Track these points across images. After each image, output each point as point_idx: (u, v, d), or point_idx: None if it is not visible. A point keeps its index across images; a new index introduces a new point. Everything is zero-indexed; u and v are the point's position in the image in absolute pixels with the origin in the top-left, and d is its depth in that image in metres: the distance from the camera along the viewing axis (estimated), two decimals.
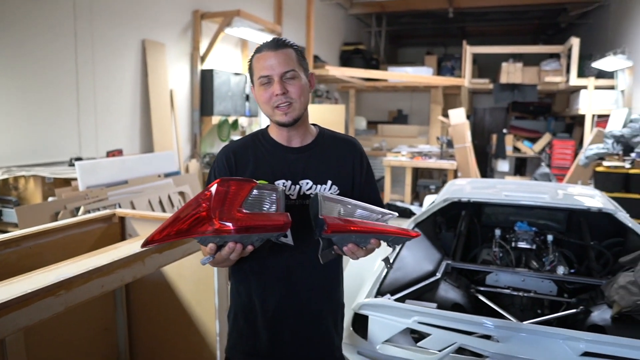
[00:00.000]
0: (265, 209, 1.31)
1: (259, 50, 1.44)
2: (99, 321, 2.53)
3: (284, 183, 1.45)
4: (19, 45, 3.81)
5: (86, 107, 4.45)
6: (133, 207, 3.30)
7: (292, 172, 1.46)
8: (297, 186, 1.46)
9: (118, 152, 4.34)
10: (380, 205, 1.49)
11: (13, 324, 1.34)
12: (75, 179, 3.23)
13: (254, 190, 1.30)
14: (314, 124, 1.58)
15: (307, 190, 1.46)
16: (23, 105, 3.86)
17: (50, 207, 2.82)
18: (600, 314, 2.52)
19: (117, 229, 2.60)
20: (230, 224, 1.21)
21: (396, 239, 1.34)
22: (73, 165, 3.80)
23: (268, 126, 1.54)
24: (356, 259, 1.36)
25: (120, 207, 3.22)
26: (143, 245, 1.29)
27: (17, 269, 1.94)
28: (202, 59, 6.04)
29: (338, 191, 1.49)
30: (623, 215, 3.11)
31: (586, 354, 1.86)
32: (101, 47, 4.60)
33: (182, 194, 3.97)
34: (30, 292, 1.39)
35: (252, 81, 1.47)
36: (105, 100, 4.69)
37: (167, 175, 4.08)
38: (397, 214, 1.43)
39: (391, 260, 1.36)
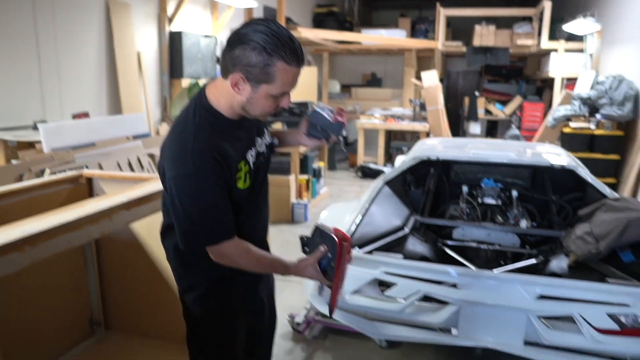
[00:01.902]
0: None
1: (287, 60, 1.30)
2: (70, 281, 2.53)
3: (250, 154, 1.48)
4: None
5: (48, 71, 4.31)
6: (101, 169, 3.26)
7: (250, 139, 1.51)
8: (255, 149, 1.52)
9: (84, 115, 4.24)
10: None
11: None
12: (39, 142, 3.15)
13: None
14: None
15: (260, 148, 1.55)
16: None
17: (14, 170, 2.76)
18: (558, 263, 2.64)
19: (84, 190, 2.57)
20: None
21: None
22: (37, 129, 3.71)
23: (205, 95, 1.43)
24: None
25: (87, 169, 3.17)
26: (332, 313, 1.61)
27: None
28: (170, 20, 5.88)
29: (269, 135, 1.64)
30: (584, 172, 3.22)
31: (541, 297, 1.97)
32: (62, 9, 4.42)
33: (152, 156, 3.93)
34: None
35: (252, 76, 1.31)
36: (69, 63, 4.55)
37: (136, 137, 4.02)
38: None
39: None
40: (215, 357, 1.61)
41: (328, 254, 1.50)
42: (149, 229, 2.45)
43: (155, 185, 2.13)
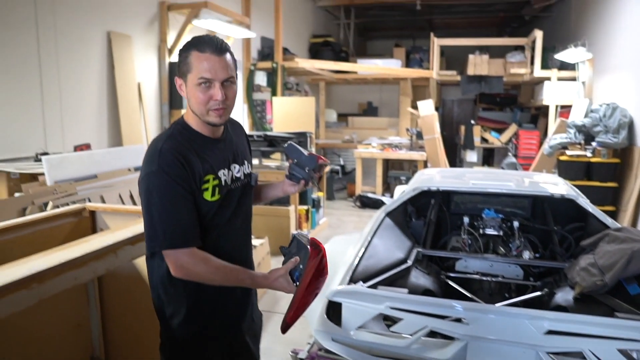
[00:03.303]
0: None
1: (200, 48, 1.44)
2: (71, 317, 2.50)
3: (222, 172, 1.54)
4: None
5: (51, 101, 4.33)
6: (103, 202, 3.24)
7: (224, 160, 1.57)
8: (230, 172, 1.58)
9: (86, 147, 4.24)
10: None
11: None
12: (42, 174, 3.15)
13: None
14: None
15: (237, 173, 1.61)
16: None
17: (17, 203, 2.75)
18: (563, 295, 2.62)
19: (87, 224, 2.56)
20: None
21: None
22: (39, 160, 3.71)
23: (182, 118, 1.56)
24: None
25: (90, 201, 3.16)
26: (284, 330, 1.51)
27: None
28: (170, 51, 5.95)
29: (250, 167, 1.72)
30: (584, 201, 3.24)
31: (550, 332, 1.95)
32: (65, 39, 4.48)
33: None
34: (2, 285, 1.37)
35: (181, 73, 1.49)
36: (71, 94, 4.58)
37: (137, 169, 4.02)
38: None
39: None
40: None
41: (300, 265, 1.45)
42: None
43: None
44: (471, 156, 9.32)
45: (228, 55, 1.48)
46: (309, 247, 1.44)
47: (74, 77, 4.60)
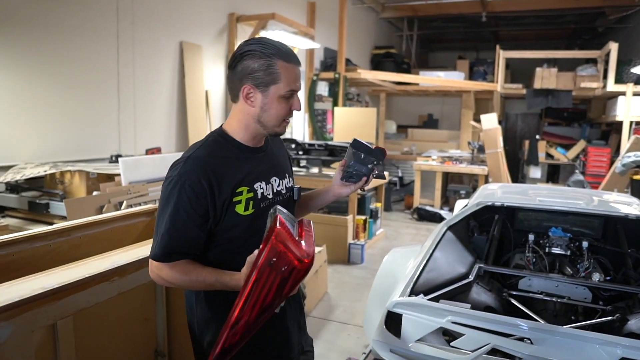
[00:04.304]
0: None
1: (285, 58, 1.35)
2: (140, 311, 2.63)
3: (259, 185, 1.43)
4: (64, 47, 3.98)
5: (126, 107, 4.61)
6: None
7: (262, 172, 1.46)
8: (270, 185, 1.47)
9: (157, 150, 4.47)
10: None
11: (72, 305, 1.44)
12: (117, 175, 3.35)
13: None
14: None
15: (278, 187, 1.50)
16: (68, 104, 4.04)
17: (96, 201, 2.94)
18: (638, 322, 2.48)
19: None
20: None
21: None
22: (114, 161, 3.95)
23: (222, 126, 1.47)
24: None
25: None
26: None
27: (68, 257, 2.05)
28: None
29: (292, 182, 1.60)
30: None
31: (623, 359, 1.85)
32: (141, 49, 4.76)
33: None
34: (87, 276, 1.48)
35: (259, 81, 1.35)
36: (144, 100, 4.85)
37: None
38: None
39: None
40: None
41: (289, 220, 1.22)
42: None
43: None
44: (535, 172, 8.98)
45: None
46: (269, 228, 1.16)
47: (147, 84, 4.88)
